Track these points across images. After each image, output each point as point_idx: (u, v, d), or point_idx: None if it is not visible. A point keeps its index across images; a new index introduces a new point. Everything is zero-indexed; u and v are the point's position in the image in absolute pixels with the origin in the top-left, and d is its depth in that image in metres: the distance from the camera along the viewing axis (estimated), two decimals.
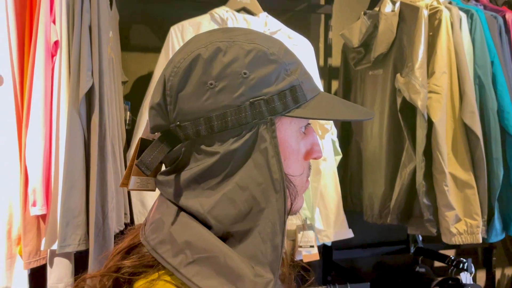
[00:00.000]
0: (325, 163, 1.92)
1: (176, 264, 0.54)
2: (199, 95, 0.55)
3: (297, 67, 0.60)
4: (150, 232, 0.58)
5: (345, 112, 0.62)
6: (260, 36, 0.60)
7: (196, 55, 0.56)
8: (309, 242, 1.88)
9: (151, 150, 0.57)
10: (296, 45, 1.90)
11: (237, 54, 0.56)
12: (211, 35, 0.59)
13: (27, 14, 1.38)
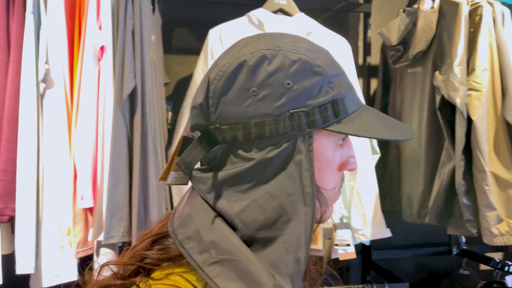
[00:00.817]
0: (362, 161, 1.91)
1: (200, 262, 0.55)
2: (241, 100, 0.56)
3: (341, 80, 0.60)
4: (178, 226, 0.59)
5: (384, 131, 0.61)
6: (307, 45, 0.59)
7: (242, 61, 0.56)
8: (345, 241, 1.89)
9: (191, 150, 0.59)
10: (333, 44, 1.91)
11: (282, 63, 0.56)
12: (258, 40, 0.59)
13: (76, 22, 1.49)
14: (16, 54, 1.38)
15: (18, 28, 1.39)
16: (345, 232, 1.90)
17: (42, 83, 1.41)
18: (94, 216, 1.44)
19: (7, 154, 1.37)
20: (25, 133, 1.38)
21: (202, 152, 0.59)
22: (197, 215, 0.59)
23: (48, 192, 1.43)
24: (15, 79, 1.38)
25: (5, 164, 1.37)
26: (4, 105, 1.37)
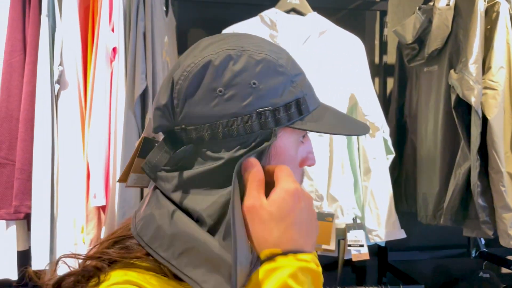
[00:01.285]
0: (376, 162, 1.89)
1: (168, 257, 0.56)
2: (207, 101, 0.56)
3: (302, 79, 0.62)
4: (142, 228, 0.59)
5: (342, 127, 0.65)
6: (269, 45, 0.61)
7: (207, 61, 0.57)
8: (358, 241, 1.87)
9: (156, 152, 0.59)
10: (346, 43, 1.90)
11: (247, 63, 0.57)
12: (222, 41, 0.59)
13: (89, 24, 1.52)
14: (31, 56, 1.42)
15: (34, 31, 1.43)
16: (359, 232, 1.89)
17: (56, 84, 1.45)
18: (107, 214, 1.47)
19: (23, 154, 1.41)
20: (40, 133, 1.42)
21: (168, 153, 0.58)
22: (159, 213, 0.59)
23: (63, 191, 1.47)
24: (31, 81, 1.42)
25: (21, 163, 1.41)
26: (20, 106, 1.42)
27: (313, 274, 0.52)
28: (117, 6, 1.48)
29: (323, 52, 1.88)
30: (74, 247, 1.49)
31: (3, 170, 1.40)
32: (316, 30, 1.87)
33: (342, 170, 1.88)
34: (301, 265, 0.52)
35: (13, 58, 1.41)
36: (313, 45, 1.88)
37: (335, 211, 1.87)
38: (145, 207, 0.62)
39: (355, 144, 1.96)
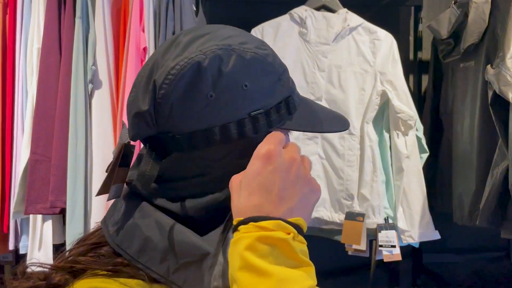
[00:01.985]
0: (408, 160, 1.85)
1: (163, 273, 0.52)
2: (196, 106, 0.52)
3: (287, 75, 0.59)
4: (123, 239, 0.54)
5: (328, 124, 0.62)
6: (253, 41, 0.57)
7: (195, 62, 0.51)
8: (390, 242, 1.83)
9: (146, 162, 0.53)
10: (378, 40, 1.87)
11: (237, 64, 0.53)
12: (205, 37, 0.55)
13: (121, 25, 1.57)
14: (66, 56, 1.48)
15: (68, 33, 1.49)
16: (390, 233, 1.84)
17: (90, 83, 1.51)
18: None
19: (59, 151, 1.47)
20: (74, 131, 1.48)
21: (158, 163, 0.53)
22: (144, 223, 0.54)
23: (96, 186, 1.52)
24: (66, 80, 1.48)
25: (57, 160, 1.47)
26: (55, 105, 1.48)
27: (280, 243, 0.45)
28: (148, 7, 1.52)
29: (354, 49, 1.85)
30: None
31: (40, 167, 1.47)
32: (347, 27, 1.85)
33: (374, 168, 1.84)
34: (260, 234, 0.45)
35: (49, 59, 1.47)
36: (343, 42, 1.85)
37: (366, 211, 1.84)
38: (122, 215, 0.56)
39: (387, 142, 1.92)
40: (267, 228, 0.45)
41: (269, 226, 0.46)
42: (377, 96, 1.85)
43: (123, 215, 0.56)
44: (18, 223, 1.53)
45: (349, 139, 1.85)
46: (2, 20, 1.50)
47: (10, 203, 1.50)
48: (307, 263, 0.46)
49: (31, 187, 1.45)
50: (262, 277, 0.44)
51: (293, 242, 0.46)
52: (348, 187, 1.85)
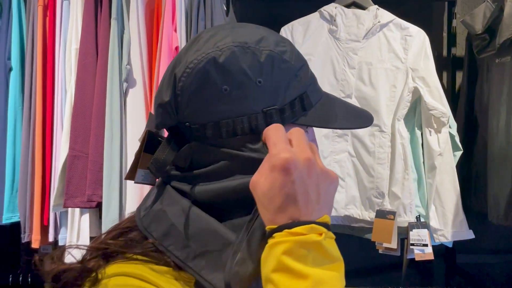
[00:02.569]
0: (441, 158, 1.81)
1: (183, 258, 0.55)
2: (211, 99, 0.55)
3: (305, 71, 0.60)
4: (151, 222, 0.58)
5: (346, 120, 0.63)
6: (272, 37, 0.59)
7: (211, 58, 0.55)
8: (422, 241, 1.81)
9: (163, 149, 0.57)
10: (410, 36, 1.84)
11: (252, 61, 0.55)
12: (224, 34, 0.57)
13: (154, 25, 1.62)
14: (102, 56, 1.54)
15: (104, 34, 1.55)
16: (422, 231, 1.82)
17: (125, 82, 1.56)
18: None
19: (95, 147, 1.53)
20: (110, 128, 1.53)
21: (174, 150, 0.57)
22: (171, 209, 0.57)
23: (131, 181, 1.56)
24: (102, 80, 1.54)
25: (94, 156, 1.53)
26: (92, 103, 1.54)
27: (314, 245, 0.47)
28: (180, 7, 1.56)
29: (385, 46, 1.84)
30: None
31: (78, 162, 1.53)
32: (378, 23, 1.84)
33: (405, 166, 1.82)
34: (296, 239, 0.47)
35: (87, 59, 1.53)
36: (374, 38, 1.84)
37: (397, 209, 1.81)
38: (152, 201, 0.60)
39: (419, 139, 1.90)
40: (301, 233, 0.47)
41: (303, 231, 0.48)
42: (408, 93, 1.82)
43: (153, 202, 0.59)
44: (58, 216, 1.60)
45: (380, 136, 1.83)
46: (43, 22, 1.58)
47: (50, 197, 1.57)
48: (338, 258, 0.49)
49: (70, 181, 1.51)
50: (299, 279, 0.46)
51: (325, 241, 0.48)
52: (379, 185, 1.83)
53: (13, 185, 1.59)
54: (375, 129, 1.84)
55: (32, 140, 1.57)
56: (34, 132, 1.57)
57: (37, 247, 1.57)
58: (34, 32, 1.58)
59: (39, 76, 1.58)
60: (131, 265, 0.55)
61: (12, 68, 1.60)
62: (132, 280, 0.53)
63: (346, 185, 1.87)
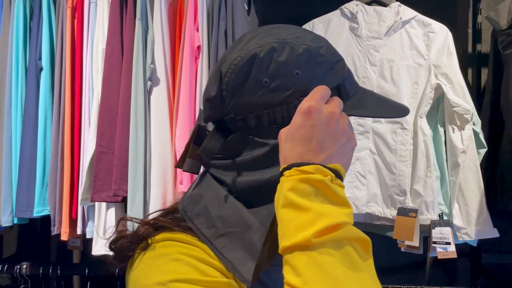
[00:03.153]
0: (465, 155, 1.79)
1: (209, 235, 0.60)
2: (253, 91, 0.60)
3: (341, 66, 0.65)
4: (188, 204, 0.65)
5: (382, 110, 0.67)
6: (309, 35, 0.64)
7: (253, 54, 0.60)
8: (445, 239, 1.79)
9: (210, 140, 0.62)
10: (432, 32, 1.83)
11: (290, 54, 0.60)
12: (265, 34, 0.63)
13: (177, 25, 1.66)
14: (127, 56, 1.60)
15: (129, 33, 1.60)
16: (445, 229, 1.80)
17: (149, 81, 1.61)
18: None
19: (121, 143, 1.58)
20: (135, 125, 1.58)
21: (220, 141, 0.62)
22: (207, 194, 0.64)
23: (154, 177, 1.62)
24: (127, 78, 1.59)
25: (119, 152, 1.58)
26: (118, 101, 1.59)
27: (318, 184, 0.51)
28: (201, 7, 1.60)
29: (407, 43, 1.83)
30: None
31: (104, 158, 1.59)
32: (399, 20, 1.83)
33: (427, 164, 1.81)
34: (301, 177, 0.51)
35: (113, 59, 1.59)
36: (396, 35, 1.84)
37: (419, 207, 1.80)
38: (193, 188, 0.67)
39: (442, 137, 1.88)
40: (307, 172, 0.52)
41: (309, 170, 0.52)
42: (431, 90, 1.81)
43: (194, 187, 0.68)
44: (85, 210, 1.66)
45: (402, 133, 1.82)
46: (71, 24, 1.64)
47: (79, 191, 1.63)
48: (345, 203, 0.52)
49: (96, 176, 1.57)
50: (302, 211, 0.50)
51: (330, 183, 0.51)
52: (401, 182, 1.82)
53: (43, 180, 1.66)
54: (397, 127, 1.83)
55: (61, 137, 1.64)
56: (63, 129, 1.64)
57: (65, 239, 1.63)
58: (63, 33, 1.65)
59: (68, 75, 1.64)
60: (176, 233, 0.62)
61: (43, 68, 1.67)
62: (177, 242, 0.60)
63: (367, 182, 1.87)
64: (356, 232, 0.51)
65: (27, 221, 1.74)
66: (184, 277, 0.54)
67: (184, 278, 0.54)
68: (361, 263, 0.50)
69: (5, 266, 1.92)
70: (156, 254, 0.59)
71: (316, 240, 0.49)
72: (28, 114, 1.66)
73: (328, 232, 0.49)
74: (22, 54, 1.70)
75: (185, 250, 0.59)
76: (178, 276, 0.55)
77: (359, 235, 0.51)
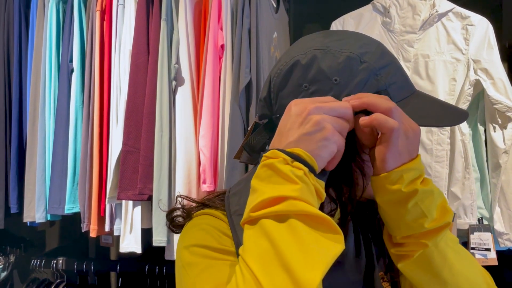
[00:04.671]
0: (507, 156, 1.67)
1: (233, 211, 0.67)
2: (295, 94, 0.64)
3: (388, 71, 0.65)
4: (233, 185, 0.72)
5: (430, 118, 0.65)
6: (356, 41, 0.65)
7: (296, 60, 0.65)
8: (484, 245, 1.68)
9: (256, 135, 0.69)
10: (471, 25, 1.72)
11: (331, 61, 0.63)
12: (311, 41, 0.67)
13: (201, 25, 1.66)
14: (153, 56, 1.61)
15: (155, 34, 1.62)
16: (485, 235, 1.69)
17: (174, 81, 1.62)
18: None
19: (146, 142, 1.60)
20: (160, 125, 1.60)
21: (265, 137, 0.68)
22: (249, 178, 0.66)
23: (179, 176, 1.62)
24: (153, 78, 1.61)
25: (145, 151, 1.61)
26: (144, 101, 1.62)
27: (271, 166, 0.55)
28: (225, 5, 1.59)
29: (444, 37, 1.73)
30: None
31: (131, 157, 1.61)
32: (435, 13, 1.74)
33: (466, 165, 1.70)
34: (262, 163, 0.56)
35: (139, 59, 1.61)
36: (432, 29, 1.75)
37: (456, 210, 1.70)
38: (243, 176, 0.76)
39: (482, 136, 1.76)
40: (266, 157, 0.56)
41: (268, 155, 0.57)
42: (469, 86, 1.70)
43: (244, 176, 0.75)
44: (113, 208, 1.70)
45: (438, 133, 1.73)
46: (100, 26, 1.68)
47: (107, 189, 1.67)
48: (294, 180, 0.53)
49: (123, 175, 1.60)
50: (252, 193, 0.56)
51: (279, 164, 0.54)
52: (437, 184, 1.73)
53: (74, 178, 1.72)
54: None
55: (91, 137, 1.68)
56: (92, 129, 1.68)
57: (94, 236, 1.67)
58: (93, 36, 1.69)
59: (97, 76, 1.68)
60: (212, 209, 0.70)
61: (74, 70, 1.72)
62: (208, 216, 0.68)
63: None
64: (304, 206, 0.52)
65: (60, 218, 1.80)
66: (203, 243, 0.64)
67: (203, 244, 0.63)
68: (306, 235, 0.51)
69: (43, 261, 2.00)
70: (191, 224, 0.69)
71: (254, 214, 0.53)
72: (60, 115, 1.72)
73: (266, 206, 0.53)
74: (55, 56, 1.76)
75: (211, 222, 0.67)
76: (199, 242, 0.64)
77: (309, 210, 0.52)
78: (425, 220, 0.58)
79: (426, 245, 0.60)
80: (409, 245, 0.61)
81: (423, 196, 0.58)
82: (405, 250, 0.62)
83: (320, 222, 0.52)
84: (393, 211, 0.60)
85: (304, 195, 0.53)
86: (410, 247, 0.61)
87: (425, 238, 0.60)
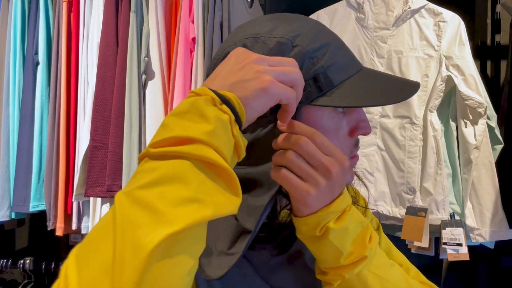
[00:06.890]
0: (478, 152, 1.68)
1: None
2: None
3: (325, 51, 0.60)
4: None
5: (373, 97, 0.60)
6: (288, 24, 0.61)
7: (227, 52, 0.61)
8: (456, 240, 1.69)
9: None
10: (443, 22, 1.73)
11: (261, 49, 0.59)
12: (242, 30, 0.63)
13: (172, 18, 1.63)
14: (122, 49, 1.57)
15: (124, 26, 1.58)
16: (456, 230, 1.70)
17: (143, 74, 1.58)
18: None
19: (115, 138, 1.56)
20: (129, 119, 1.56)
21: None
22: None
23: None
24: (122, 72, 1.57)
25: (113, 146, 1.56)
26: (112, 94, 1.57)
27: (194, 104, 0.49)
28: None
29: (416, 33, 1.74)
30: None
31: (98, 152, 1.57)
32: (408, 9, 1.74)
33: (438, 160, 1.71)
34: (186, 98, 0.50)
35: (107, 52, 1.57)
36: (405, 26, 1.75)
37: (429, 206, 1.71)
38: None
39: (454, 132, 1.77)
40: (194, 93, 0.50)
41: (196, 91, 0.50)
42: (441, 82, 1.71)
43: None
44: (81, 205, 1.65)
45: (411, 128, 1.73)
46: (67, 18, 1.63)
47: (74, 186, 1.62)
48: (208, 121, 0.47)
49: (91, 171, 1.55)
50: (160, 127, 0.48)
51: (204, 102, 0.48)
52: (410, 180, 1.73)
53: (39, 175, 1.66)
54: (406, 121, 1.74)
55: (57, 132, 1.63)
56: (58, 124, 1.63)
57: (61, 234, 1.62)
58: (60, 27, 1.64)
59: (64, 69, 1.63)
60: None
61: (39, 62, 1.67)
62: None
63: (375, 180, 1.79)
64: (209, 153, 0.45)
65: (25, 216, 1.74)
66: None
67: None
68: (196, 181, 0.44)
69: (9, 261, 1.93)
70: None
71: (154, 150, 0.45)
72: (24, 109, 1.66)
73: (168, 145, 0.45)
74: (19, 48, 1.71)
75: None
76: None
77: (212, 158, 0.45)
78: (340, 256, 0.57)
79: (344, 277, 0.59)
80: (330, 274, 0.61)
81: (337, 234, 0.57)
82: (327, 279, 0.61)
83: (221, 175, 0.46)
84: (310, 245, 0.59)
85: (217, 142, 0.46)
86: (330, 277, 0.61)
87: (343, 271, 0.59)
